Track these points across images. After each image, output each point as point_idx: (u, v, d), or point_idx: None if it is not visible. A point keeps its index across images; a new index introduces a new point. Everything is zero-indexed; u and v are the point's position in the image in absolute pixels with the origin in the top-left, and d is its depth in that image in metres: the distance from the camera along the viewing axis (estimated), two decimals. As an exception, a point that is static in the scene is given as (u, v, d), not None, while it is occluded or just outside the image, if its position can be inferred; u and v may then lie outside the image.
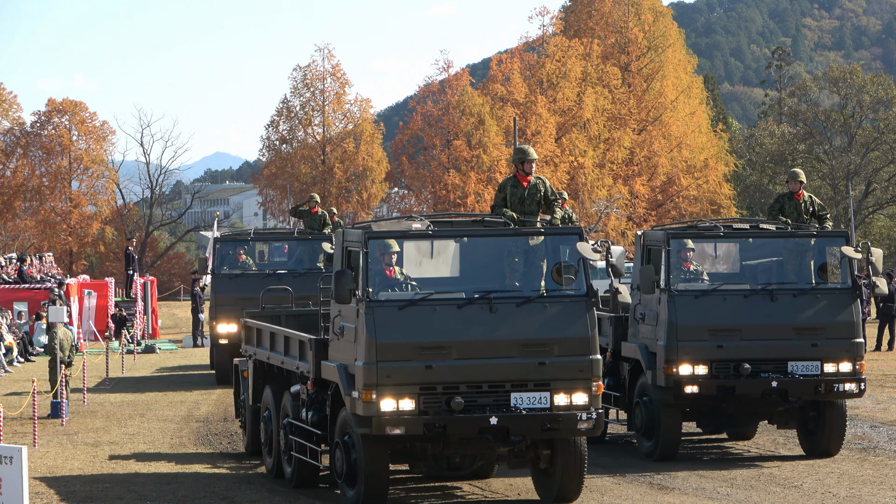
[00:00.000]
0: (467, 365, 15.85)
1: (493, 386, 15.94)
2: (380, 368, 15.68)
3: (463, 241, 16.61)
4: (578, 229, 16.82)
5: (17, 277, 46.89)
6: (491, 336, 15.95)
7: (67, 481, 19.53)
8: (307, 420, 17.81)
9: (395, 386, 15.70)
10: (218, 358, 32.76)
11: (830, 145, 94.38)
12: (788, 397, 20.19)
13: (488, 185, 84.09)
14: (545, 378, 16.02)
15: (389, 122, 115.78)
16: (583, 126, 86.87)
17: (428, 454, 16.64)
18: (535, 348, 16.00)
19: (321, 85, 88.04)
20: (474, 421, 15.80)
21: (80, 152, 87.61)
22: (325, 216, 34.29)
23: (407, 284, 16.23)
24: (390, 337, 15.75)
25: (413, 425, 15.71)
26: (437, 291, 16.08)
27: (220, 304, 32.19)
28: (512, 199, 17.56)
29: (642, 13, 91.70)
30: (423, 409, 15.76)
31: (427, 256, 16.56)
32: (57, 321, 27.74)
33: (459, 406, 15.75)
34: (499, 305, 15.99)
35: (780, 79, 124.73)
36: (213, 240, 35.22)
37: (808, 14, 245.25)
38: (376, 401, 15.67)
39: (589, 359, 16.15)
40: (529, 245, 16.58)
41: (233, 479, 19.90)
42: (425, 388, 15.78)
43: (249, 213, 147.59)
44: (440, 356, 15.77)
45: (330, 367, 16.85)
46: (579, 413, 15.99)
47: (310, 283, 30.70)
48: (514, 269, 16.43)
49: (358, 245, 16.29)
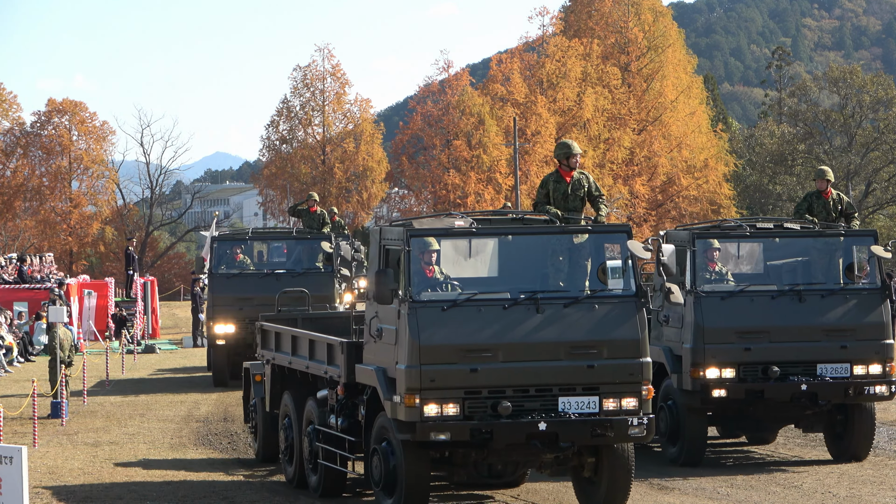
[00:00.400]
0: (514, 368, 15.27)
1: (540, 390, 15.36)
2: (423, 372, 15.09)
3: (506, 240, 16.01)
4: (627, 227, 16.26)
5: (17, 277, 46.89)
6: (538, 338, 15.36)
7: (67, 481, 19.53)
8: (337, 426, 17.18)
9: (439, 390, 15.11)
10: (215, 359, 32.40)
11: (830, 145, 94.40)
12: (818, 401, 19.71)
13: (488, 185, 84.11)
14: (594, 382, 15.44)
15: (389, 122, 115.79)
16: (583, 126, 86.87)
17: (469, 461, 16.02)
18: (584, 351, 15.44)
19: (321, 85, 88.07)
20: (522, 426, 15.22)
21: (80, 152, 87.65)
22: (323, 215, 34.00)
23: (448, 284, 15.64)
24: (434, 339, 15.16)
25: (459, 431, 15.12)
26: (480, 292, 15.50)
27: (218, 304, 31.76)
28: (555, 195, 17.07)
29: (642, 13, 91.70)
30: (467, 415, 15.18)
31: (465, 256, 15.93)
32: (57, 321, 27.73)
33: (507, 411, 15.18)
34: (545, 306, 15.42)
35: (780, 79, 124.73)
36: (210, 239, 34.81)
37: (808, 14, 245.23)
38: (420, 406, 15.05)
39: (639, 362, 15.56)
40: (574, 243, 16.00)
41: (232, 480, 19.90)
42: (470, 393, 15.19)
43: (249, 213, 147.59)
44: (486, 359, 15.19)
45: (366, 371, 16.25)
46: (630, 418, 15.41)
47: (308, 283, 30.36)
48: (558, 268, 15.87)
49: (399, 243, 15.68)
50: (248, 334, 30.70)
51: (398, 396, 15.28)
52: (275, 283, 30.75)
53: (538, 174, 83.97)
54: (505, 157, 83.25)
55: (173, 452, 22.60)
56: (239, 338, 31.36)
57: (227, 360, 31.97)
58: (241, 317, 31.20)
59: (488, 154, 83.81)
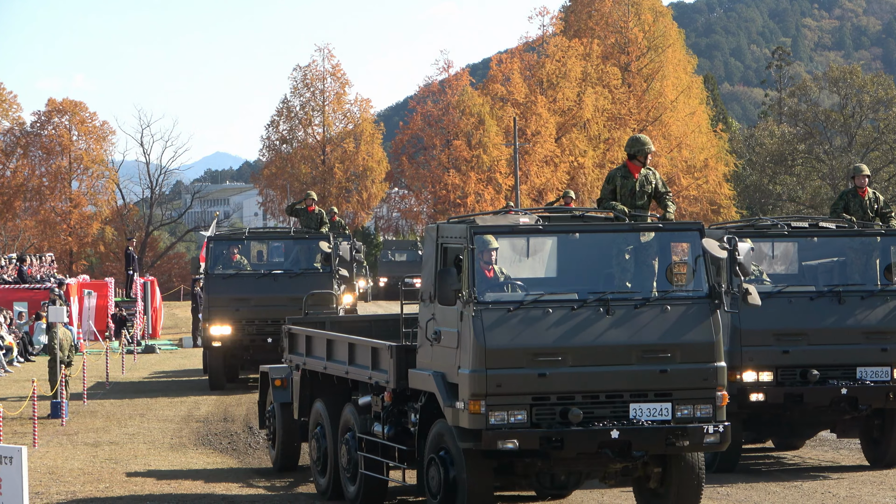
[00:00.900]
0: (583, 373, 14.50)
1: (610, 396, 14.58)
2: (489, 377, 14.28)
3: (568, 238, 15.20)
4: (699, 224, 15.42)
5: (17, 277, 46.89)
6: (608, 341, 14.60)
7: (67, 481, 19.53)
8: (383, 435, 16.37)
9: (505, 396, 14.31)
10: (212, 362, 31.57)
11: (830, 145, 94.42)
12: (858, 405, 19.08)
13: (488, 185, 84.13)
14: (667, 387, 14.65)
15: (389, 122, 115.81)
16: (583, 126, 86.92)
17: (532, 471, 15.18)
18: (656, 354, 14.66)
19: (321, 85, 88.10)
20: (594, 434, 14.43)
21: (80, 152, 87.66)
22: (321, 214, 33.37)
23: (509, 285, 14.87)
24: (500, 342, 14.35)
25: (528, 439, 14.30)
26: (546, 292, 14.70)
27: (214, 305, 30.95)
28: (622, 191, 16.50)
29: (642, 13, 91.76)
30: (535, 422, 14.36)
31: (523, 254, 15.12)
32: (57, 321, 27.73)
33: (578, 418, 14.38)
34: (615, 307, 14.67)
35: (780, 79, 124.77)
36: (206, 239, 33.81)
37: (808, 14, 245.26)
38: (486, 412, 14.26)
39: (714, 366, 14.75)
40: (640, 242, 15.18)
41: (232, 480, 19.89)
42: (538, 399, 14.38)
43: (249, 213, 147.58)
44: (554, 363, 14.41)
45: (421, 377, 15.42)
46: (705, 426, 14.62)
47: (306, 284, 29.97)
48: (624, 268, 15.09)
49: (460, 241, 14.82)
50: (245, 336, 30.52)
51: (461, 403, 14.50)
52: (272, 283, 30.48)
53: (538, 174, 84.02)
54: (505, 157, 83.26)
55: (173, 452, 22.60)
56: (236, 340, 30.75)
57: (223, 363, 31.37)
58: (237, 318, 30.62)
59: (488, 154, 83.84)
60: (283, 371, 20.18)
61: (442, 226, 15.48)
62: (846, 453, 21.58)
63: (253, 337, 30.62)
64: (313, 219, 33.17)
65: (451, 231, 15.22)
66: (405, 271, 68.29)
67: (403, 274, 67.80)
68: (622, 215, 15.82)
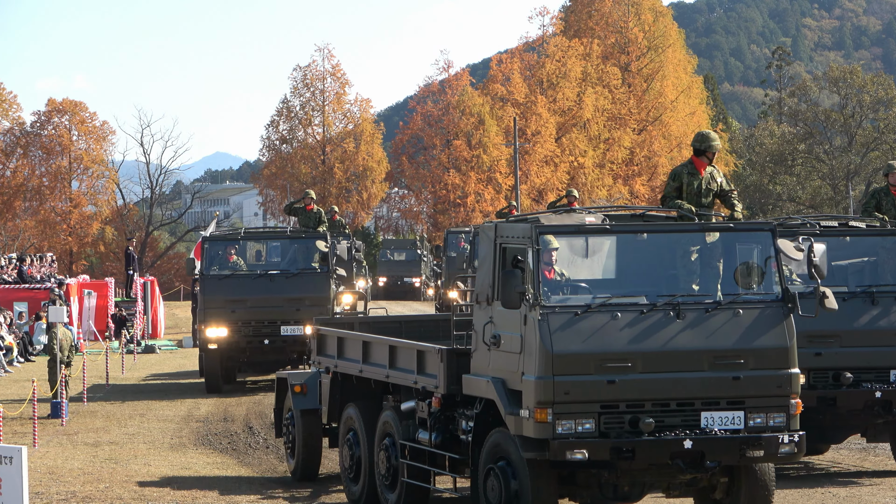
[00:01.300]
0: (653, 380, 13.88)
1: (681, 404, 13.96)
2: (557, 384, 13.67)
3: (629, 238, 14.57)
4: (772, 224, 14.84)
5: (17, 277, 46.89)
6: (679, 346, 13.97)
7: (67, 481, 19.52)
8: (430, 442, 15.66)
9: (573, 403, 13.69)
10: (208, 364, 30.79)
11: (830, 145, 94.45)
12: (892, 409, 18.47)
13: (488, 185, 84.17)
14: (739, 395, 14.04)
15: (389, 122, 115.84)
16: (583, 126, 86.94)
17: (595, 482, 14.50)
18: (728, 361, 14.04)
19: (321, 85, 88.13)
20: (666, 444, 13.79)
21: (80, 152, 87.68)
22: (320, 213, 32.86)
23: (571, 286, 14.22)
24: (568, 347, 13.73)
25: (598, 449, 13.68)
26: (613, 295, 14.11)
27: (210, 306, 30.07)
28: (688, 189, 15.85)
29: (642, 13, 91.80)
30: (603, 431, 13.76)
31: (581, 255, 14.48)
32: (57, 321, 27.72)
33: (649, 427, 13.75)
34: (686, 311, 14.06)
35: (780, 79, 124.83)
36: (202, 239, 32.98)
37: (808, 14, 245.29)
38: (552, 421, 13.62)
39: (788, 373, 14.19)
40: (706, 242, 14.54)
41: (232, 479, 19.89)
42: (607, 407, 13.78)
43: (249, 213, 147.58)
44: (623, 370, 13.80)
45: (478, 382, 14.72)
46: (780, 435, 14.01)
47: (304, 284, 29.76)
48: (690, 269, 14.47)
49: (523, 241, 14.17)
50: (242, 338, 29.91)
51: (525, 411, 13.82)
52: (269, 284, 29.93)
53: (538, 174, 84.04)
54: (505, 157, 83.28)
55: (173, 452, 22.59)
56: (232, 342, 30.02)
57: (220, 365, 30.63)
58: (233, 320, 29.91)
59: (488, 154, 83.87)
60: (303, 377, 19.45)
61: (500, 225, 14.82)
62: (874, 458, 21.16)
63: (250, 339, 29.99)
64: (311, 218, 32.66)
65: (511, 230, 14.55)
66: (404, 271, 68.29)
67: (402, 273, 67.84)
68: (689, 214, 15.23)
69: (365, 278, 56.08)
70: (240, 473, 20.62)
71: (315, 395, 19.04)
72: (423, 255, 69.14)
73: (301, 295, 29.87)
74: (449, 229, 43.75)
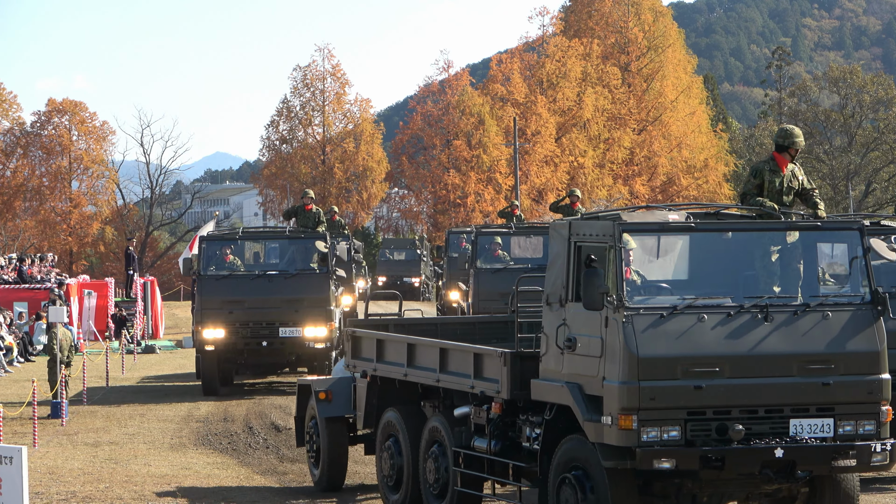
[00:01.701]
0: (741, 385, 13.32)
1: (769, 410, 13.41)
2: (642, 389, 13.09)
3: (715, 237, 13.93)
4: (860, 223, 14.25)
5: (17, 277, 46.90)
6: (768, 350, 13.42)
7: (67, 481, 19.53)
8: (489, 449, 15.05)
9: (659, 410, 13.14)
10: (204, 366, 30.16)
11: (830, 145, 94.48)
12: None
13: (488, 185, 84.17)
14: (829, 401, 13.49)
15: (389, 122, 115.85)
16: (583, 126, 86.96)
17: (676, 491, 13.92)
18: (818, 365, 13.51)
19: (321, 85, 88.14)
20: (757, 453, 13.25)
21: (80, 152, 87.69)
22: (319, 213, 32.15)
23: (651, 287, 13.66)
24: (654, 350, 13.18)
25: (686, 458, 13.13)
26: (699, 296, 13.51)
27: (206, 307, 29.58)
28: (769, 186, 15.02)
29: (642, 13, 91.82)
30: (689, 439, 13.22)
31: (653, 254, 13.86)
32: (57, 321, 27.73)
33: (739, 435, 13.20)
34: (774, 314, 13.49)
35: (780, 79, 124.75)
36: (199, 238, 32.43)
37: (808, 14, 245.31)
38: (638, 428, 13.06)
39: (878, 378, 13.65)
40: (787, 242, 14.02)
41: (231, 479, 19.89)
42: (693, 413, 13.22)
43: (249, 213, 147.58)
44: (711, 374, 13.25)
45: (551, 388, 14.07)
46: (872, 444, 13.50)
47: (302, 285, 29.36)
48: (770, 270, 13.92)
49: (603, 239, 13.60)
50: (239, 340, 29.39)
51: (608, 417, 13.25)
52: (267, 285, 29.40)
53: (538, 174, 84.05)
54: (505, 157, 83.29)
55: (173, 452, 22.60)
56: (229, 343, 29.44)
57: (216, 368, 30.08)
58: (231, 321, 29.32)
59: (488, 154, 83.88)
60: (327, 383, 18.81)
61: (575, 222, 14.17)
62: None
63: (247, 340, 29.45)
64: (310, 218, 31.97)
65: (588, 228, 13.93)
66: (404, 270, 68.26)
67: (402, 273, 67.80)
68: (773, 213, 14.55)
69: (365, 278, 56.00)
70: (239, 473, 20.62)
71: (341, 401, 18.43)
72: (423, 255, 69.15)
73: (300, 296, 29.46)
74: (450, 229, 43.57)
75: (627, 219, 13.71)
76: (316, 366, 30.11)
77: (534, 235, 32.99)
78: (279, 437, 24.18)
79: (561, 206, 33.72)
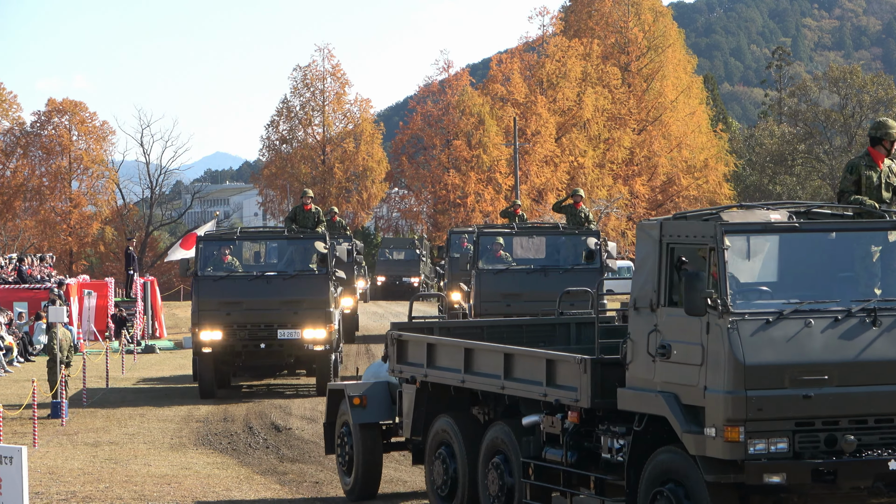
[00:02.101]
0: (851, 394, 12.69)
1: (879, 420, 12.79)
2: (750, 399, 12.43)
3: (797, 238, 13.19)
4: None
5: (17, 277, 46.90)
6: (878, 357, 12.79)
7: (67, 481, 19.53)
8: (565, 460, 14.43)
9: (767, 421, 12.49)
10: (202, 368, 29.84)
11: (830, 145, 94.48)
12: None
13: (488, 185, 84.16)
14: None
15: (389, 122, 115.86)
16: (583, 126, 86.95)
17: None
18: None
19: (321, 85, 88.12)
20: (870, 466, 12.58)
21: (80, 152, 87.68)
22: (318, 213, 31.73)
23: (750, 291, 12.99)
24: (761, 358, 12.53)
25: (797, 471, 12.49)
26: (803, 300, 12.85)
27: (204, 308, 29.12)
28: (867, 183, 14.28)
29: (642, 13, 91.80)
30: (797, 451, 12.58)
31: (743, 256, 13.18)
32: (57, 321, 27.74)
33: (852, 446, 12.56)
34: (883, 318, 12.87)
35: (780, 79, 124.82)
36: (197, 238, 31.86)
37: (808, 14, 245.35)
38: (745, 441, 12.41)
39: None
40: (889, 242, 13.31)
41: (232, 479, 19.89)
42: (802, 424, 12.58)
43: (249, 213, 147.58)
44: (819, 383, 12.60)
45: (640, 397, 13.42)
46: None
47: (302, 286, 29.04)
48: (871, 272, 13.27)
49: (705, 240, 12.95)
50: (237, 341, 29.01)
51: (711, 429, 12.59)
52: (265, 286, 29.02)
53: (538, 174, 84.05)
54: (505, 157, 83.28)
55: (173, 452, 22.60)
56: (227, 345, 29.01)
57: (214, 370, 29.77)
58: (228, 322, 28.91)
59: (488, 154, 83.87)
60: (362, 388, 18.10)
61: (667, 223, 13.48)
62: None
63: (245, 342, 29.06)
64: (309, 218, 31.53)
65: (684, 228, 13.29)
66: (403, 270, 68.23)
67: (401, 273, 67.79)
68: (873, 210, 13.78)
69: (364, 279, 55.97)
70: (240, 473, 20.62)
71: (376, 407, 17.86)
72: (422, 255, 69.14)
73: (299, 297, 29.11)
74: (452, 229, 43.39)
75: (729, 219, 13.07)
76: (315, 368, 30.02)
77: (536, 236, 32.48)
78: (279, 437, 24.19)
79: (564, 206, 33.33)
